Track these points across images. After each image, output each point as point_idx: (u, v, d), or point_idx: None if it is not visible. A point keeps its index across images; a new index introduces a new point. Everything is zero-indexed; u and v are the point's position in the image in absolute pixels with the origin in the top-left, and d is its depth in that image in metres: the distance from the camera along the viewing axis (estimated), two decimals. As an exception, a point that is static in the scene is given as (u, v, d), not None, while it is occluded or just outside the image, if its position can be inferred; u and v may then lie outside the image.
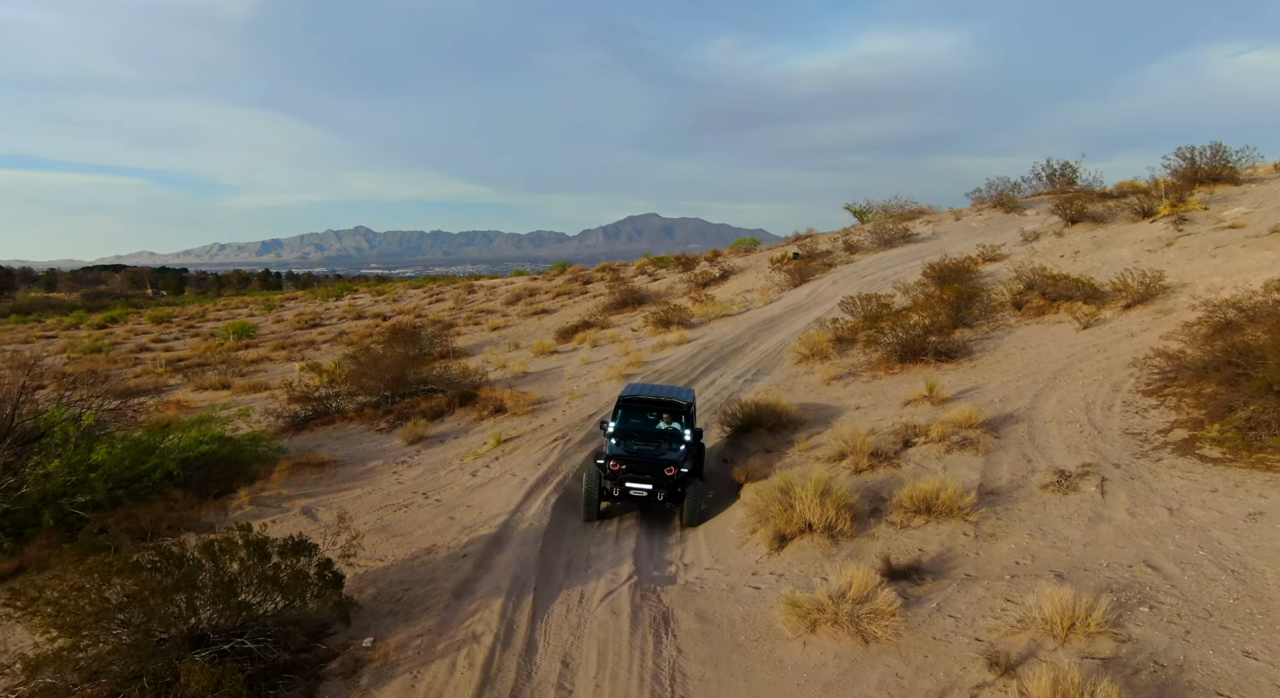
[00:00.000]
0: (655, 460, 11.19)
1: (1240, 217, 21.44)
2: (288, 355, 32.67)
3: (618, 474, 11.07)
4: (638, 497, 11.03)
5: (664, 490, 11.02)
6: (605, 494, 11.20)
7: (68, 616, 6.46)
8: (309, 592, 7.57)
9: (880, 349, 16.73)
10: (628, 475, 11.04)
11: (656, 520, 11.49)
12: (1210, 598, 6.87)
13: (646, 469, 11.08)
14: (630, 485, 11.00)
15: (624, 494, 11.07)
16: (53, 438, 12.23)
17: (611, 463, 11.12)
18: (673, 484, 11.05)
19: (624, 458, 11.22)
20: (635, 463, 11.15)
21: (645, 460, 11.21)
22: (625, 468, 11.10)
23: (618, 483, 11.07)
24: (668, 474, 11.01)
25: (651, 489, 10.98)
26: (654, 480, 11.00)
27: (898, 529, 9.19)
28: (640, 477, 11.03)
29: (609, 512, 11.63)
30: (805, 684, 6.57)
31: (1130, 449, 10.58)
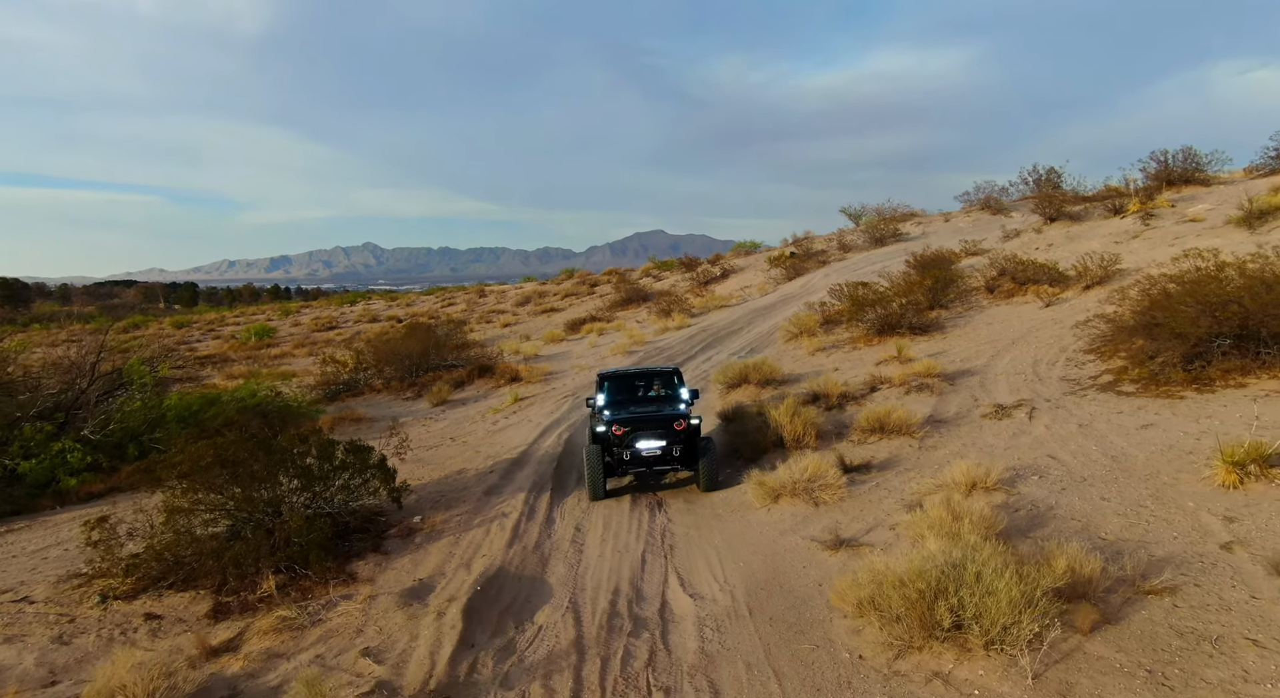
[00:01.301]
0: (662, 415, 10.55)
1: (1202, 212, 23.35)
2: (309, 352, 34.70)
3: (624, 437, 10.29)
4: (650, 458, 10.28)
5: (678, 446, 10.23)
6: (611, 468, 10.44)
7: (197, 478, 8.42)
8: (370, 473, 9.50)
9: (862, 326, 18.66)
10: (635, 437, 10.28)
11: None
12: (1089, 471, 8.76)
13: (655, 423, 10.38)
14: (641, 447, 10.23)
15: (634, 459, 10.28)
16: (133, 385, 14.26)
17: (615, 427, 10.35)
18: (685, 439, 10.34)
19: (627, 419, 10.50)
20: (641, 420, 10.46)
21: (651, 416, 10.54)
22: (631, 429, 10.32)
23: (625, 446, 10.26)
24: (677, 427, 10.32)
25: (665, 445, 10.22)
26: (665, 435, 10.26)
27: (855, 444, 11.11)
28: (650, 433, 10.30)
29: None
30: (766, 530, 8.49)
31: (1062, 390, 12.48)
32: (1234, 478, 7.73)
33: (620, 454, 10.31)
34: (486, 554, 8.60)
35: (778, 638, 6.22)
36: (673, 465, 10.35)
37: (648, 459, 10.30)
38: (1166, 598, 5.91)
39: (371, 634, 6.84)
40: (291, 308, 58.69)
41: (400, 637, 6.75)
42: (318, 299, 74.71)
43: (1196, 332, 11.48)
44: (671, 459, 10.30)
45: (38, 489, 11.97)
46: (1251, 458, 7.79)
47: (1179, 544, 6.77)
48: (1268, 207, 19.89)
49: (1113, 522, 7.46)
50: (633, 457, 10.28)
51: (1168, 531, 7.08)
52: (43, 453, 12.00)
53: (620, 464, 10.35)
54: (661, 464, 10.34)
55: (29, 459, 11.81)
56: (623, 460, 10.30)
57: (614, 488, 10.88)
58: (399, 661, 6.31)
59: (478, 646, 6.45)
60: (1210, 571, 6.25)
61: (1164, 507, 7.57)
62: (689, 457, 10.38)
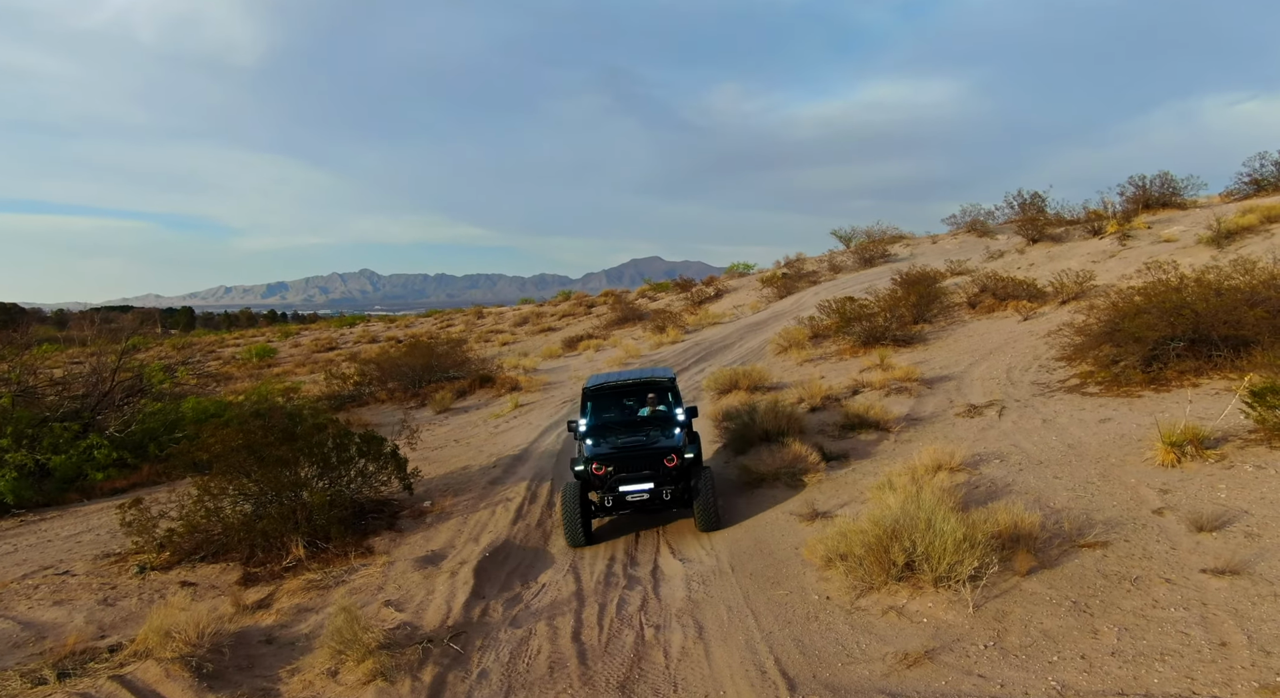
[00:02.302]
0: (650, 450, 9.20)
1: (1176, 233, 24.44)
2: (309, 371, 35.50)
3: (606, 478, 9.03)
4: (636, 502, 9.00)
5: (669, 487, 8.96)
6: (593, 509, 9.24)
7: (228, 459, 9.23)
8: (383, 461, 10.31)
9: (848, 339, 19.58)
10: (620, 477, 9.04)
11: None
12: (1046, 456, 9.62)
13: (641, 463, 9.08)
14: (626, 490, 8.96)
15: (618, 502, 8.99)
16: (151, 387, 15.08)
17: (595, 466, 9.09)
18: (677, 477, 9.11)
19: (609, 456, 9.18)
20: (626, 458, 9.15)
21: (637, 452, 9.21)
22: (614, 468, 9.07)
23: (609, 490, 8.99)
24: (668, 465, 9.04)
25: (653, 488, 8.96)
26: (653, 476, 9.00)
27: (836, 439, 11.94)
28: (636, 475, 9.04)
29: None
30: (753, 504, 9.32)
31: (1032, 392, 13.36)
32: (1172, 457, 8.59)
33: (602, 498, 9.07)
34: (493, 531, 9.40)
35: (756, 588, 7.03)
36: (664, 507, 9.11)
37: (633, 503, 9.03)
38: (1098, 550, 6.74)
39: (392, 591, 7.63)
40: (291, 330, 59.54)
41: (418, 592, 7.53)
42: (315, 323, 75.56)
43: (1153, 335, 12.40)
44: (662, 502, 8.98)
45: (66, 483, 12.73)
46: (1188, 439, 8.66)
47: (1116, 511, 7.61)
48: (1234, 227, 20.98)
49: (1062, 495, 8.30)
50: (614, 501, 9.00)
51: (1109, 501, 7.92)
52: (70, 450, 12.77)
53: (601, 509, 9.14)
54: (651, 507, 9.08)
55: (58, 455, 12.58)
56: (603, 505, 9.08)
57: (600, 526, 9.73)
58: (418, 609, 7.10)
59: (488, 597, 7.25)
60: (1140, 530, 7.08)
61: (1109, 483, 8.42)
62: (683, 495, 9.16)
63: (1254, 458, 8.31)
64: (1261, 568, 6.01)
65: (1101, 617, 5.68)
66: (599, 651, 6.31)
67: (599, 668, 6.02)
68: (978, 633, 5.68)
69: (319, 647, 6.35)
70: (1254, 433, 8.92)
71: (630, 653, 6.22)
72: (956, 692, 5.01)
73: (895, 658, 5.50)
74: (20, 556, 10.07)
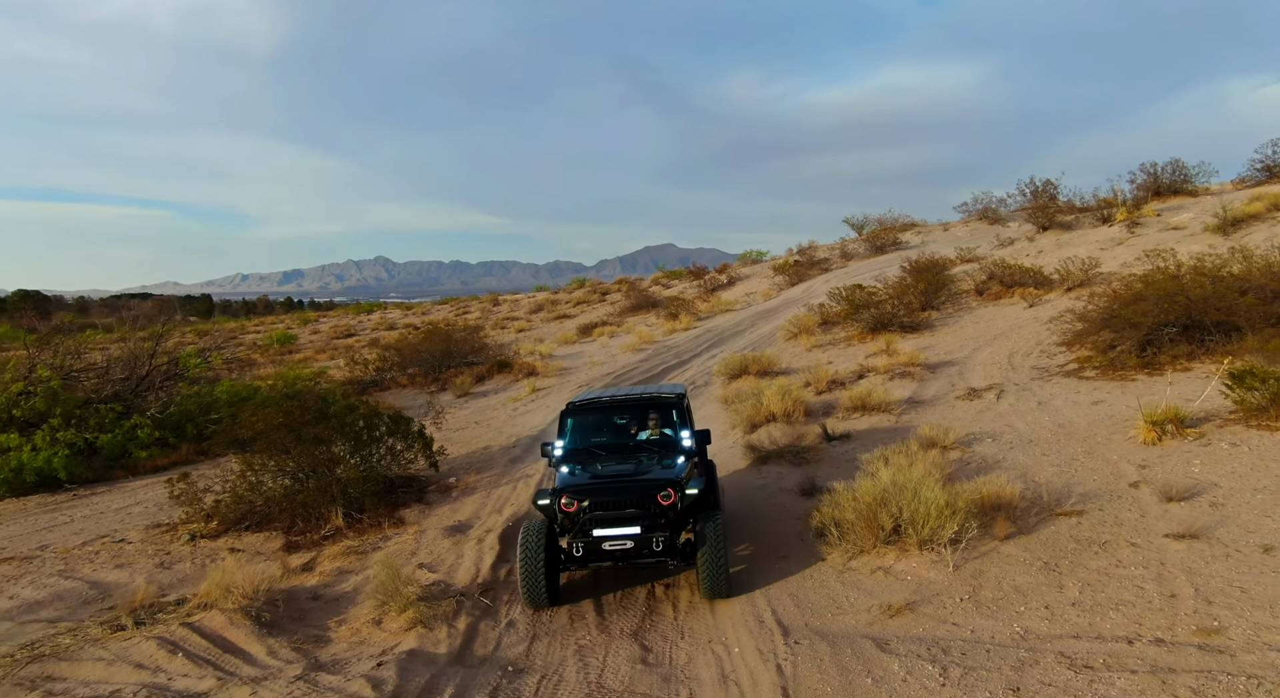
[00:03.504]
0: (638, 482, 7.12)
1: (1184, 221, 24.74)
2: (329, 356, 36.41)
3: (577, 516, 6.90)
4: (616, 551, 6.82)
5: (661, 535, 6.77)
6: (560, 558, 6.98)
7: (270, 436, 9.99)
8: (411, 439, 11.03)
9: (857, 325, 20.12)
10: (595, 516, 6.87)
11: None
12: (1036, 436, 10.20)
13: (626, 498, 6.94)
14: (603, 535, 6.80)
15: (591, 551, 6.83)
16: (187, 371, 15.90)
17: (564, 500, 6.96)
18: (672, 521, 6.90)
19: (585, 488, 7.10)
20: (605, 491, 7.05)
21: (621, 484, 7.12)
22: (589, 504, 6.91)
23: (580, 534, 6.86)
24: (663, 502, 6.89)
25: (639, 535, 6.78)
26: (641, 518, 6.83)
27: (839, 419, 12.57)
28: (617, 515, 6.86)
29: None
30: (757, 480, 9.99)
31: (1031, 376, 13.90)
32: (1153, 436, 9.16)
33: (572, 545, 6.83)
34: (514, 504, 10.11)
35: (759, 553, 7.69)
36: (656, 559, 6.87)
37: (612, 553, 6.83)
38: (1073, 518, 7.35)
39: (424, 555, 8.36)
40: (309, 317, 60.65)
41: (448, 556, 8.27)
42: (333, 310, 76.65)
43: (1147, 321, 12.91)
44: (652, 553, 6.80)
45: (112, 461, 13.56)
46: (1168, 419, 9.23)
47: (1095, 484, 8.20)
48: (1241, 215, 21.30)
49: (1047, 470, 8.90)
50: (587, 551, 6.81)
51: (1090, 475, 8.51)
52: (116, 429, 13.59)
53: (570, 559, 6.88)
54: (639, 560, 6.88)
55: (105, 434, 13.40)
56: (572, 555, 6.84)
57: (568, 581, 7.55)
58: (449, 570, 7.83)
59: (512, 560, 7.94)
60: (1115, 501, 7.68)
61: (1092, 460, 9.01)
62: (680, 546, 6.91)
63: (1230, 436, 8.87)
64: (1220, 533, 6.60)
65: (1068, 575, 6.30)
66: (614, 605, 7.01)
67: (615, 620, 6.72)
68: (955, 589, 6.32)
69: (363, 601, 7.10)
70: (1233, 413, 9.47)
71: (642, 607, 6.91)
72: (932, 637, 5.66)
73: (879, 610, 6.15)
74: (76, 526, 10.89)
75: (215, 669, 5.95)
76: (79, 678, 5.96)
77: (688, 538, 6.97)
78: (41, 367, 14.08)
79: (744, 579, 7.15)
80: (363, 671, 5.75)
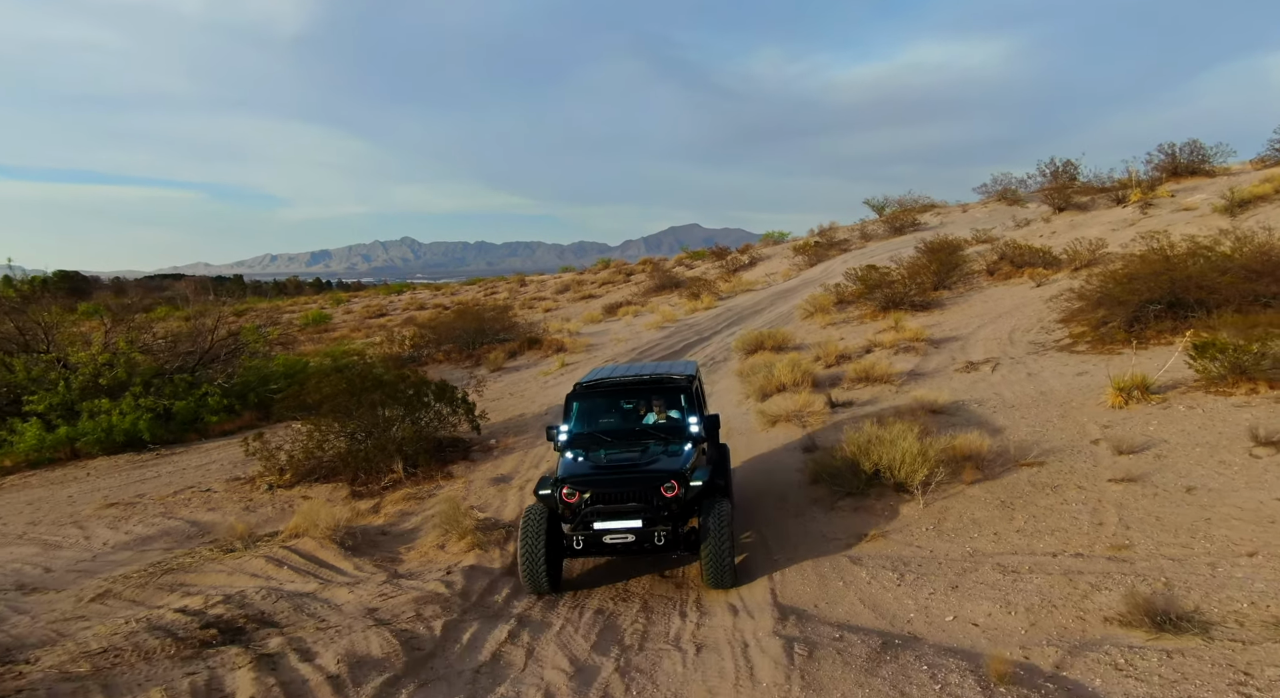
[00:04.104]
0: (641, 473, 7.15)
1: (1196, 202, 25.38)
2: (364, 335, 38.11)
3: (578, 508, 6.98)
4: (618, 545, 6.88)
5: (664, 527, 6.83)
6: (561, 546, 7.05)
7: (336, 400, 11.44)
8: (455, 404, 12.43)
9: (870, 304, 21.21)
10: (596, 509, 6.94)
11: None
12: (1018, 401, 11.35)
13: (628, 490, 6.98)
14: (604, 528, 6.87)
15: (592, 544, 6.90)
16: (247, 346, 17.47)
17: (565, 490, 7.03)
18: (676, 513, 6.94)
19: (586, 479, 7.13)
20: (607, 483, 7.07)
21: (624, 476, 7.15)
22: (590, 495, 6.98)
23: (580, 525, 6.93)
24: (666, 494, 6.90)
25: (642, 527, 6.83)
26: (643, 511, 6.87)
27: (844, 389, 13.77)
28: (619, 508, 6.92)
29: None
30: (766, 440, 11.25)
31: (1027, 351, 14.97)
32: (1120, 400, 10.29)
33: (572, 535, 6.94)
34: (549, 460, 11.49)
35: (763, 497, 8.99)
36: (659, 552, 6.95)
37: (614, 547, 6.90)
38: (1035, 468, 8.54)
39: (474, 499, 9.78)
40: (342, 297, 62.58)
41: (494, 500, 9.67)
42: (363, 290, 78.65)
43: (1134, 299, 13.91)
44: (655, 547, 6.86)
45: (186, 425, 15.16)
46: (1135, 386, 10.34)
47: (1061, 441, 9.37)
48: (1248, 196, 22.00)
49: (1022, 430, 10.07)
50: (587, 543, 6.90)
51: (1059, 434, 9.68)
52: (189, 397, 15.17)
53: (570, 549, 6.98)
54: (640, 553, 6.96)
55: (179, 401, 14.98)
56: (573, 546, 6.93)
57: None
58: (497, 510, 9.24)
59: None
60: (1074, 454, 8.85)
61: (1064, 421, 10.16)
62: (684, 537, 6.98)
63: (1189, 401, 9.98)
64: (1155, 478, 7.78)
65: (1019, 510, 7.52)
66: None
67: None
68: (922, 521, 7.57)
69: (427, 533, 8.51)
70: (1197, 381, 10.56)
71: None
72: (897, 555, 6.93)
73: (857, 537, 7.43)
74: (164, 479, 12.47)
75: (315, 578, 7.39)
76: (206, 584, 7.43)
77: (692, 527, 7.03)
78: (121, 339, 15.67)
79: (747, 517, 8.44)
80: (435, 577, 7.15)
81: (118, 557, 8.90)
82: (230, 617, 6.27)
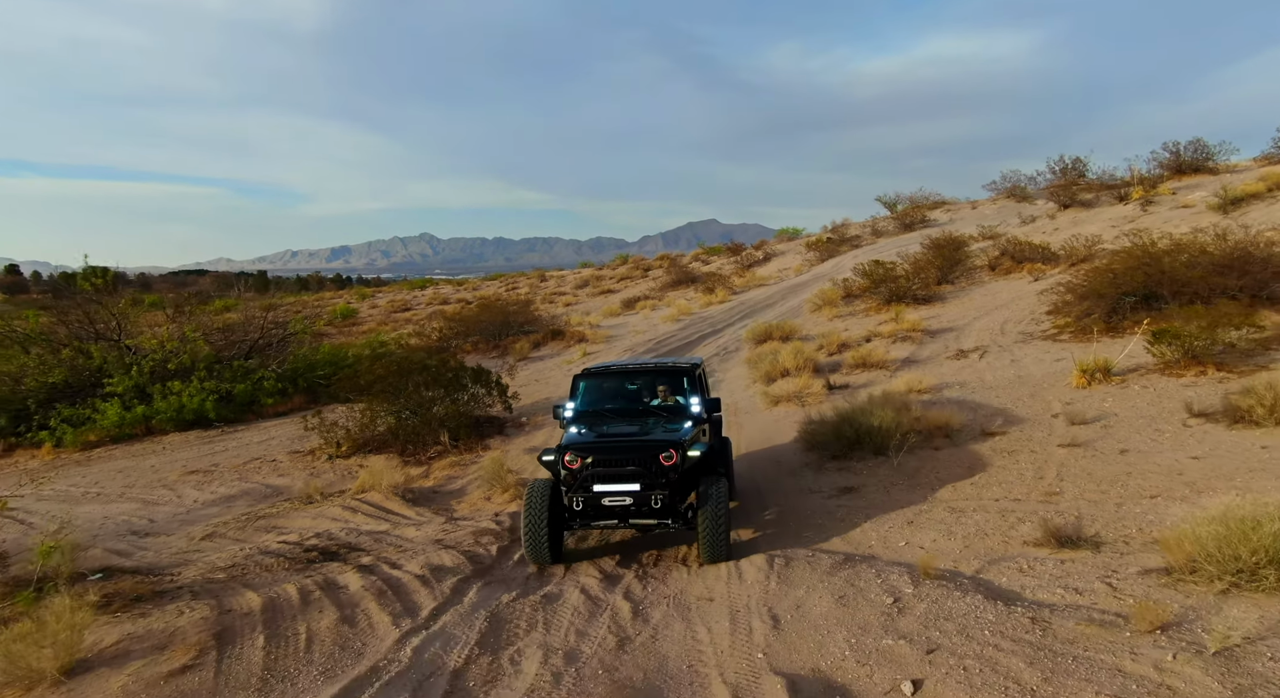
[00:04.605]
0: (641, 441, 7.50)
1: (1195, 199, 26.44)
2: (392, 328, 39.83)
3: (579, 473, 7.32)
4: (616, 508, 7.23)
5: (660, 494, 7.16)
6: (563, 516, 7.41)
7: (387, 381, 13.01)
8: (490, 386, 13.97)
9: (875, 297, 22.53)
10: (596, 473, 7.28)
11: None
12: (997, 383, 12.71)
13: (627, 456, 7.32)
14: (603, 491, 7.24)
15: (592, 506, 7.26)
16: (295, 336, 19.14)
17: (567, 456, 7.39)
18: (673, 482, 7.24)
19: (588, 445, 7.50)
20: (608, 449, 7.44)
21: (624, 443, 7.52)
22: (591, 461, 7.32)
23: (580, 489, 7.28)
24: (664, 463, 7.24)
25: (639, 492, 7.18)
26: (641, 476, 7.21)
27: (843, 374, 15.18)
28: (618, 471, 7.26)
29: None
30: (769, 417, 12.71)
31: (1015, 340, 16.28)
32: (1084, 382, 11.63)
33: (572, 501, 7.29)
34: (575, 435, 13.00)
35: (763, 463, 10.45)
36: (656, 520, 7.27)
37: (612, 509, 7.26)
38: (997, 437, 9.93)
39: (511, 464, 11.30)
40: (366, 292, 64.53)
41: (529, 466, 11.20)
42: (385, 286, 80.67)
43: (1113, 292, 15.18)
44: (651, 511, 7.21)
45: (244, 406, 16.82)
46: (1097, 368, 11.67)
47: (1026, 415, 10.74)
48: (1241, 194, 23.10)
49: (994, 407, 11.44)
50: (587, 505, 7.26)
51: (1025, 410, 11.04)
52: (247, 380, 16.83)
53: (571, 515, 7.36)
54: (638, 518, 7.29)
55: (239, 384, 16.65)
56: (574, 510, 7.30)
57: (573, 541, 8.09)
58: (531, 474, 10.76)
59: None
60: (1034, 426, 10.22)
61: (1032, 400, 11.52)
62: (678, 507, 7.30)
63: (1144, 382, 11.32)
64: (1098, 444, 9.15)
65: (977, 469, 8.93)
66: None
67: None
68: (895, 478, 9.00)
69: (473, 490, 10.05)
70: (1155, 365, 11.87)
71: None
72: (867, 502, 8.38)
73: (837, 491, 8.87)
74: (233, 452, 14.10)
75: (385, 520, 8.95)
76: (296, 526, 9.00)
77: (690, 504, 7.38)
78: (188, 328, 17.38)
79: (751, 478, 9.89)
80: (486, 519, 8.69)
81: (208, 511, 10.49)
82: (324, 546, 7.83)
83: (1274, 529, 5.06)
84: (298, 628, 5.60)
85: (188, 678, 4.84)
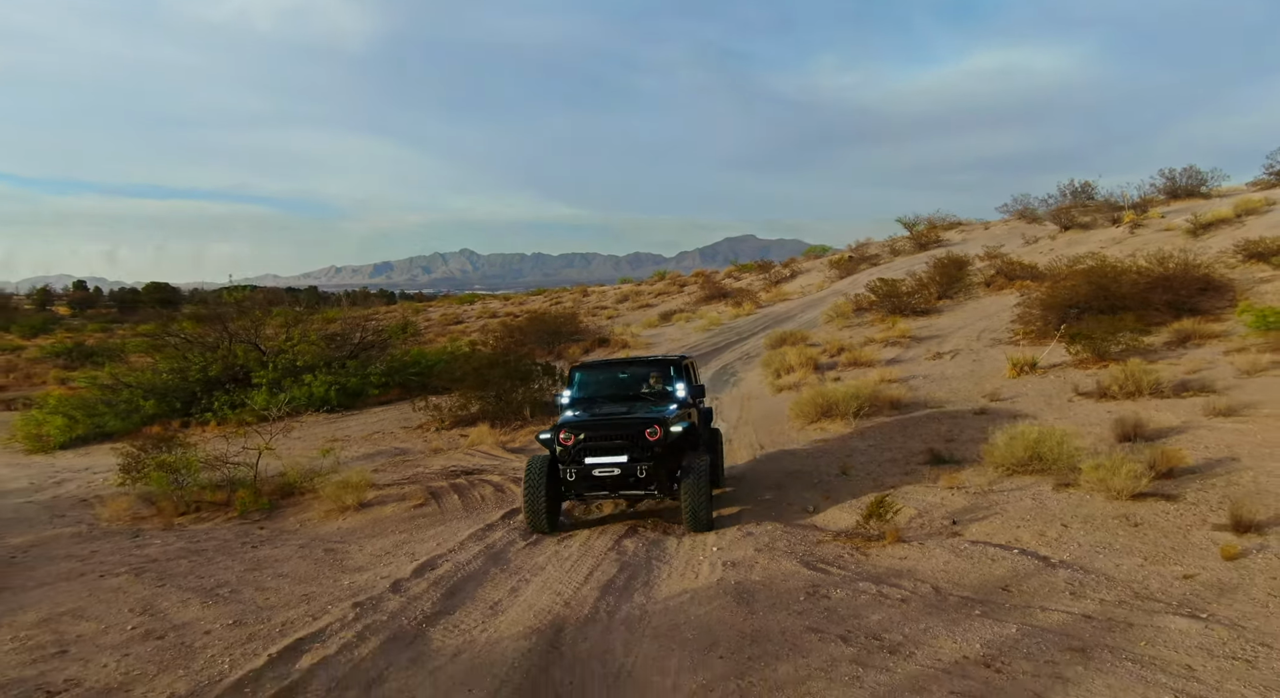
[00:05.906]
0: (627, 419, 8.52)
1: (1177, 223, 29.73)
2: (449, 339, 44.28)
3: (573, 448, 8.29)
4: (606, 479, 8.20)
5: (645, 465, 8.11)
6: (559, 489, 8.41)
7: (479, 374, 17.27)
8: (556, 376, 18.12)
9: (880, 311, 26.31)
10: (587, 446, 8.26)
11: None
12: (953, 376, 16.52)
13: (616, 432, 8.32)
14: (594, 462, 8.18)
15: (585, 478, 8.23)
16: (393, 339, 23.60)
17: (563, 434, 8.37)
18: (658, 455, 8.21)
19: (581, 424, 8.50)
20: (598, 425, 8.46)
21: (612, 420, 8.54)
22: (584, 437, 8.30)
23: (574, 461, 8.26)
24: (649, 438, 8.18)
25: (626, 463, 8.13)
26: (628, 449, 8.17)
27: (837, 370, 19.05)
28: (608, 444, 8.23)
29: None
30: (774, 400, 16.69)
31: (984, 344, 20.00)
32: (1015, 373, 15.39)
33: (567, 473, 8.25)
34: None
35: (759, 427, 14.44)
36: (644, 491, 8.29)
37: (602, 480, 8.20)
38: (932, 409, 13.76)
39: (576, 432, 15.41)
40: (419, 306, 69.72)
41: (590, 432, 15.31)
42: (433, 301, 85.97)
43: (1062, 305, 18.85)
44: (638, 481, 8.17)
45: (353, 397, 21.22)
46: (1026, 363, 15.42)
47: (961, 396, 14.53)
48: (1213, 219, 26.43)
49: (942, 391, 15.27)
50: (580, 476, 8.19)
51: (963, 393, 14.84)
52: (357, 376, 21.24)
53: (566, 486, 8.34)
54: (626, 488, 8.28)
55: (352, 378, 21.06)
56: (568, 480, 8.26)
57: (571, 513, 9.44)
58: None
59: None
60: (963, 402, 14.02)
61: (975, 389, 15.29)
62: (664, 479, 8.31)
63: (1058, 373, 15.07)
64: (999, 412, 12.92)
65: (910, 427, 12.79)
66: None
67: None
68: (852, 435, 12.91)
69: (551, 445, 14.18)
70: (1072, 361, 15.55)
71: (695, 449, 13.74)
72: (830, 448, 12.29)
73: (809, 443, 12.83)
74: (354, 429, 18.43)
75: (495, 459, 13.15)
76: (435, 464, 13.21)
77: (676, 477, 8.40)
78: (312, 332, 21.92)
79: (749, 436, 13.82)
80: (565, 458, 12.84)
81: (357, 464, 14.75)
82: (464, 469, 12.02)
83: (1031, 440, 8.94)
84: (472, 494, 9.81)
85: (423, 510, 9.03)
